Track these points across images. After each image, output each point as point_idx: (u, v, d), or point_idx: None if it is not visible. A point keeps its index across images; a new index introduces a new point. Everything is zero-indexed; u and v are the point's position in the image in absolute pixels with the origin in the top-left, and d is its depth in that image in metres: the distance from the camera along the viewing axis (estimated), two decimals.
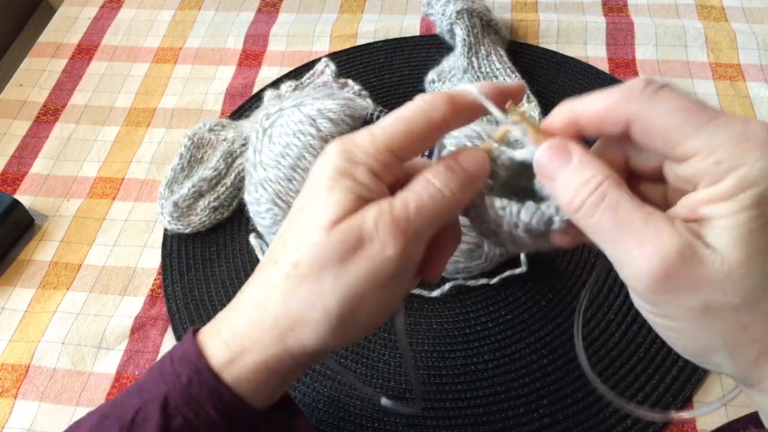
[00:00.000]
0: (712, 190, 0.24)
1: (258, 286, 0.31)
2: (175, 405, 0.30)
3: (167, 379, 0.31)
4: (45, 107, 0.68)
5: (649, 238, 0.24)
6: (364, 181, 0.29)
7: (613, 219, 0.25)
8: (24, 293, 0.55)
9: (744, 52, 0.67)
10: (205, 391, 0.30)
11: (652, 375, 0.46)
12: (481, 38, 0.63)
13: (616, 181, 0.26)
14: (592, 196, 0.25)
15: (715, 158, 0.23)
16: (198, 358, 0.31)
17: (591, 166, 0.26)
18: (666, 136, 0.25)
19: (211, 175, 0.57)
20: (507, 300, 0.51)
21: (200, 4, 0.78)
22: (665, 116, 0.25)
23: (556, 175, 0.27)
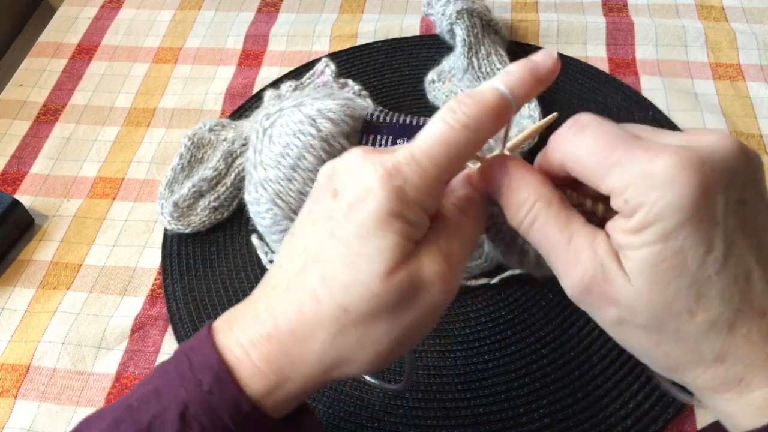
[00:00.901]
0: (624, 223, 0.25)
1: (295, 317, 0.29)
2: (194, 413, 0.30)
3: (187, 386, 0.30)
4: (45, 107, 0.68)
5: (571, 260, 0.27)
6: (417, 222, 0.28)
7: (544, 240, 0.28)
8: (24, 293, 0.55)
9: (744, 52, 0.67)
10: (226, 402, 0.30)
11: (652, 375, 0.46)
12: (481, 38, 0.63)
13: (546, 201, 0.28)
14: (526, 220, 0.28)
15: (624, 197, 0.25)
16: (220, 365, 0.30)
17: (523, 188, 0.28)
18: (587, 179, 0.27)
19: (211, 175, 0.57)
20: (507, 300, 0.51)
21: (200, 4, 0.78)
22: (582, 158, 0.27)
23: (498, 193, 0.29)
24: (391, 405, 0.46)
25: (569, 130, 0.27)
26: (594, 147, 0.26)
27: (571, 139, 0.27)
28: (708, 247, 0.24)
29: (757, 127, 0.61)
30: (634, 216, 0.25)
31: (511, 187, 0.29)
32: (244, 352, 0.30)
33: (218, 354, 0.30)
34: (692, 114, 0.62)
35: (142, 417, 0.30)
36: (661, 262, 0.24)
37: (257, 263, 0.54)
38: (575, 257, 0.26)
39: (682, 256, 0.24)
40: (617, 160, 0.25)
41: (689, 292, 0.24)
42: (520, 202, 0.28)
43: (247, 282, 0.53)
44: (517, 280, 0.51)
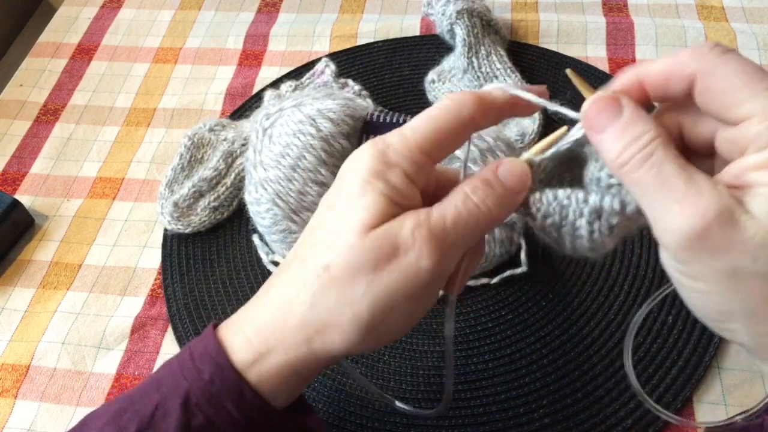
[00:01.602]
0: (759, 157, 0.23)
1: (284, 284, 0.31)
2: (196, 402, 0.30)
3: (188, 375, 0.31)
4: (45, 107, 0.68)
5: (690, 197, 0.24)
6: (398, 184, 0.29)
7: (657, 176, 0.25)
8: (24, 293, 0.55)
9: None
10: (227, 389, 0.30)
11: (652, 375, 0.46)
12: (481, 38, 0.63)
13: (665, 140, 0.25)
14: (641, 153, 0.25)
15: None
16: (219, 354, 0.31)
17: (642, 123, 0.26)
18: (725, 97, 0.25)
19: (211, 175, 0.57)
20: (507, 300, 0.51)
21: (200, 4, 0.78)
22: (728, 76, 0.25)
23: (605, 128, 0.26)
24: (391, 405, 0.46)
25: (714, 48, 0.25)
26: (742, 68, 0.24)
27: (719, 54, 0.25)
28: None
29: None
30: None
31: (623, 120, 0.26)
32: (244, 336, 0.31)
33: (218, 343, 0.31)
34: None
35: (144, 406, 0.31)
36: None
37: (257, 263, 0.54)
38: (696, 194, 0.24)
39: None
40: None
41: None
42: (636, 134, 0.26)
43: (247, 282, 0.53)
44: (517, 280, 0.51)
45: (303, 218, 0.48)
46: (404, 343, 0.49)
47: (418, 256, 0.28)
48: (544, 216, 0.31)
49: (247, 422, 0.31)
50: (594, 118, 0.27)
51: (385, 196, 0.28)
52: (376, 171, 0.29)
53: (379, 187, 0.28)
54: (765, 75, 0.24)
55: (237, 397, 0.30)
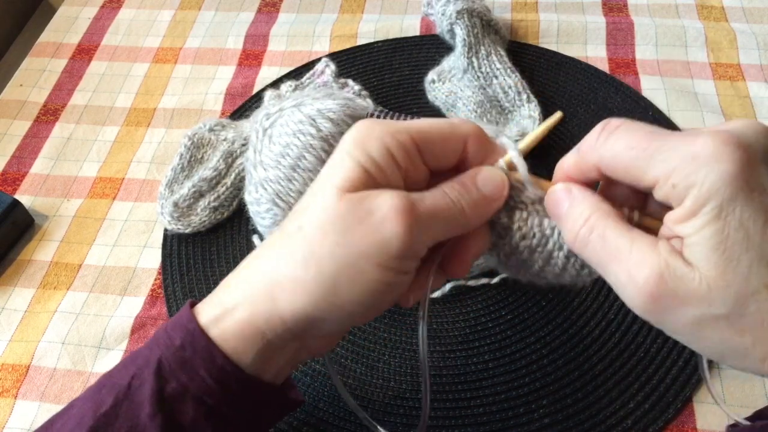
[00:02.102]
0: (678, 212, 0.25)
1: (260, 249, 0.32)
2: (169, 369, 0.31)
3: (161, 343, 0.31)
4: (45, 107, 0.68)
5: (634, 264, 0.26)
6: (377, 156, 0.29)
7: (603, 248, 0.27)
8: (24, 293, 0.55)
9: (744, 52, 0.67)
10: (198, 354, 0.30)
11: (652, 375, 0.46)
12: (481, 38, 0.63)
13: (604, 212, 0.28)
14: (583, 229, 0.28)
15: (671, 182, 0.25)
16: (190, 321, 0.31)
17: (582, 203, 0.29)
18: (628, 173, 0.27)
19: (211, 175, 0.57)
20: (507, 300, 0.51)
21: (200, 4, 0.78)
22: (620, 157, 0.27)
23: (560, 213, 0.30)
24: (391, 405, 0.47)
25: (602, 133, 0.28)
26: (631, 142, 0.27)
27: (605, 140, 0.27)
28: (766, 217, 0.24)
29: None
30: (686, 199, 0.25)
31: (572, 204, 0.29)
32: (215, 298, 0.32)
33: (190, 313, 0.32)
34: (692, 114, 0.62)
35: (121, 379, 0.31)
36: (725, 240, 0.24)
37: None
38: (640, 260, 0.26)
39: (743, 230, 0.24)
40: (657, 149, 0.26)
41: (761, 265, 0.24)
42: (577, 214, 0.28)
43: None
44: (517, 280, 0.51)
45: None
46: (404, 343, 0.49)
47: (391, 224, 0.28)
48: (522, 236, 0.32)
49: (220, 388, 0.31)
50: (551, 208, 0.30)
51: (361, 165, 0.29)
52: (358, 141, 0.29)
53: (357, 155, 0.29)
54: (653, 137, 0.26)
55: (208, 362, 0.30)
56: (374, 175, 0.29)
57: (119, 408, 0.30)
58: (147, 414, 0.30)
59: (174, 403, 0.30)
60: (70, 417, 0.32)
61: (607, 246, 0.27)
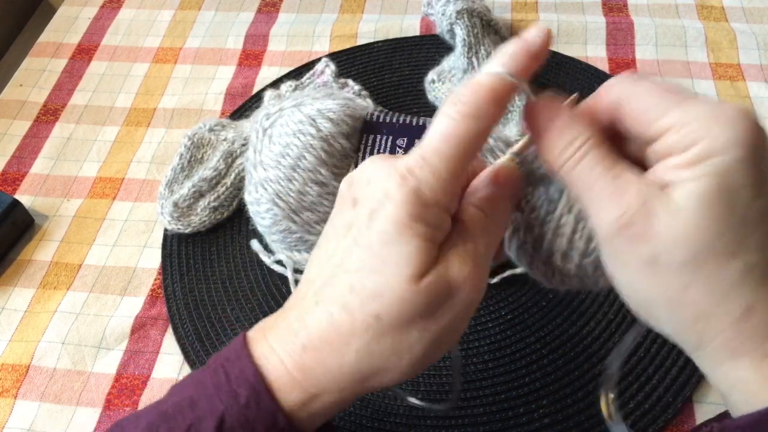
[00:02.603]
0: (679, 158, 0.25)
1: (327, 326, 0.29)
2: (230, 425, 0.29)
3: (224, 397, 0.30)
4: (45, 107, 0.68)
5: (617, 191, 0.26)
6: (438, 223, 0.28)
7: (589, 174, 0.27)
8: (24, 293, 0.55)
9: (744, 52, 0.67)
10: (262, 416, 0.30)
11: (652, 375, 0.46)
12: (481, 38, 0.63)
13: (597, 141, 0.28)
14: (576, 155, 0.27)
15: (685, 131, 0.25)
16: (257, 379, 0.30)
17: (576, 126, 0.28)
18: (644, 115, 0.27)
19: (211, 175, 0.57)
20: (507, 300, 0.51)
21: (200, 4, 0.78)
22: (643, 96, 0.27)
23: (544, 130, 0.29)
24: (391, 405, 0.47)
25: (628, 75, 0.28)
26: (657, 88, 0.27)
27: (632, 81, 0.28)
28: (756, 193, 0.25)
29: None
30: (692, 148, 0.25)
31: (561, 124, 0.28)
32: (281, 362, 0.30)
33: (254, 366, 0.30)
34: None
35: (177, 425, 0.30)
36: (715, 195, 0.24)
37: (257, 263, 0.54)
38: (622, 190, 0.26)
39: (734, 196, 0.24)
40: (681, 101, 0.26)
41: (734, 232, 0.25)
42: (570, 137, 0.28)
43: (247, 282, 0.53)
44: (517, 280, 0.51)
45: (303, 218, 0.48)
46: None
47: (470, 293, 0.28)
48: (531, 208, 0.32)
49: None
50: (534, 120, 0.29)
51: (428, 240, 0.28)
52: (414, 214, 0.27)
53: (420, 231, 0.27)
54: (675, 91, 0.27)
55: (270, 423, 0.30)
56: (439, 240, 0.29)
57: None
58: None
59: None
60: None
61: (594, 174, 0.27)
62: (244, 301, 0.52)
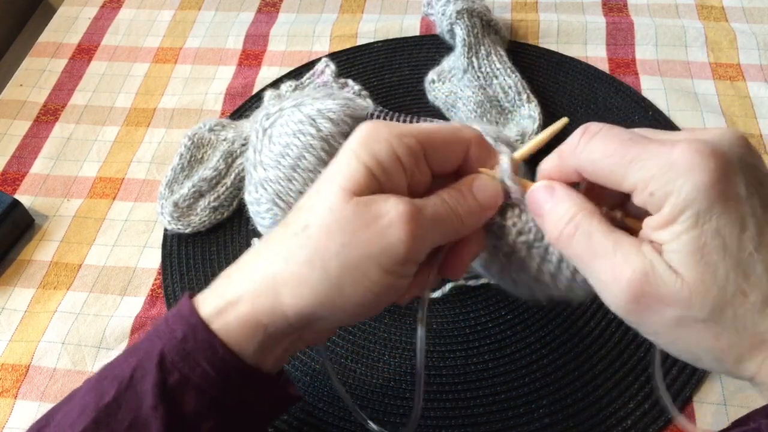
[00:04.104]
0: (656, 219, 0.26)
1: (263, 245, 0.32)
2: (171, 360, 0.31)
3: (162, 336, 0.32)
4: (45, 107, 0.68)
5: (618, 263, 0.26)
6: (383, 158, 0.30)
7: (587, 247, 0.28)
8: (24, 293, 0.55)
9: (744, 52, 0.67)
10: (200, 346, 0.31)
11: (652, 375, 0.46)
12: (481, 38, 0.63)
13: (589, 212, 0.28)
14: (568, 227, 0.28)
15: (649, 191, 0.26)
16: (192, 313, 0.31)
17: (567, 201, 0.29)
18: (607, 179, 0.27)
19: (211, 175, 0.57)
20: (507, 300, 0.51)
21: (200, 4, 0.78)
22: (598, 163, 0.27)
23: (542, 211, 0.30)
24: (390, 405, 0.47)
25: (581, 138, 0.28)
26: (609, 149, 0.27)
27: (585, 146, 0.28)
28: (742, 226, 0.25)
29: (757, 127, 0.61)
30: (664, 207, 0.25)
31: (555, 202, 0.29)
32: (215, 291, 0.32)
33: (191, 304, 0.32)
34: (692, 114, 0.62)
35: (123, 371, 0.31)
36: (703, 247, 0.25)
37: None
38: (623, 260, 0.26)
39: (720, 238, 0.25)
40: (635, 156, 0.26)
41: (737, 272, 0.25)
42: (562, 212, 0.29)
43: None
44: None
45: None
46: (404, 342, 0.49)
47: (397, 231, 0.29)
48: (519, 232, 0.32)
49: (221, 379, 0.31)
50: (533, 205, 0.31)
51: (368, 167, 0.29)
52: (364, 141, 0.30)
53: (363, 157, 0.29)
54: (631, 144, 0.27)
55: (209, 353, 0.31)
56: (380, 178, 0.30)
57: (122, 399, 0.31)
58: (150, 405, 0.30)
59: (176, 395, 0.31)
60: (71, 408, 0.32)
61: (591, 244, 0.27)
62: None
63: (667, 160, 0.25)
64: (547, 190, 0.30)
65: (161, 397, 0.30)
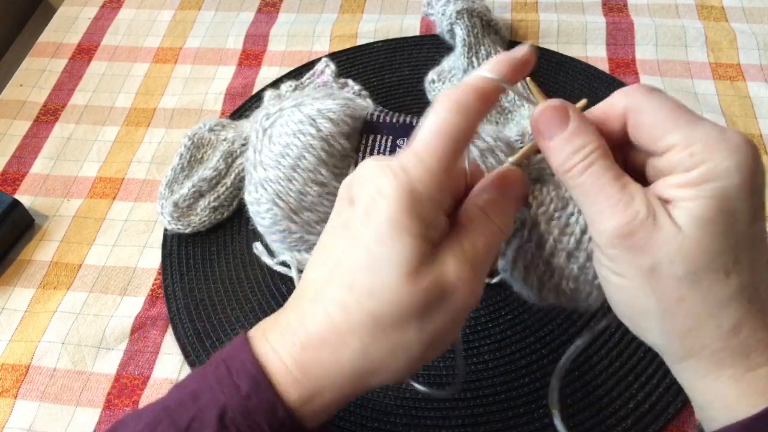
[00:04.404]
0: (682, 177, 0.26)
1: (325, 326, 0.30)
2: (232, 417, 0.30)
3: (225, 389, 0.30)
4: (45, 107, 0.68)
5: (622, 201, 0.27)
6: (433, 220, 0.29)
7: (595, 183, 0.28)
8: (24, 293, 0.55)
9: (744, 52, 0.67)
10: (263, 406, 0.30)
11: (652, 375, 0.46)
12: (481, 38, 0.63)
13: (604, 151, 0.28)
14: (582, 162, 0.28)
15: (690, 151, 0.26)
16: (258, 371, 0.30)
17: (585, 134, 0.28)
18: (652, 130, 0.27)
19: (211, 175, 0.57)
20: (507, 300, 0.51)
21: (200, 4, 0.78)
22: (654, 110, 0.27)
23: (552, 135, 0.29)
24: (390, 405, 0.47)
25: (641, 87, 0.29)
26: (667, 105, 0.27)
27: (645, 93, 0.28)
28: (753, 218, 0.26)
29: (757, 127, 0.61)
30: (695, 169, 0.26)
31: (570, 130, 0.29)
32: (280, 360, 0.30)
33: (255, 360, 0.30)
34: None
35: (180, 418, 0.30)
36: (715, 217, 0.25)
37: (257, 263, 0.54)
38: (628, 200, 0.27)
39: (732, 219, 0.26)
40: (688, 121, 0.27)
41: (731, 253, 0.26)
42: (579, 145, 0.28)
43: (247, 282, 0.53)
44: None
45: (303, 218, 0.48)
46: None
47: (465, 296, 0.29)
48: (539, 204, 0.32)
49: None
50: (543, 125, 0.30)
51: (422, 237, 0.28)
52: (408, 210, 0.28)
53: (415, 228, 0.28)
54: (684, 109, 0.27)
55: (270, 414, 0.30)
56: (434, 238, 0.29)
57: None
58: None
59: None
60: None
61: (600, 183, 0.27)
62: (244, 301, 0.52)
63: (719, 134, 0.26)
64: (560, 113, 0.29)
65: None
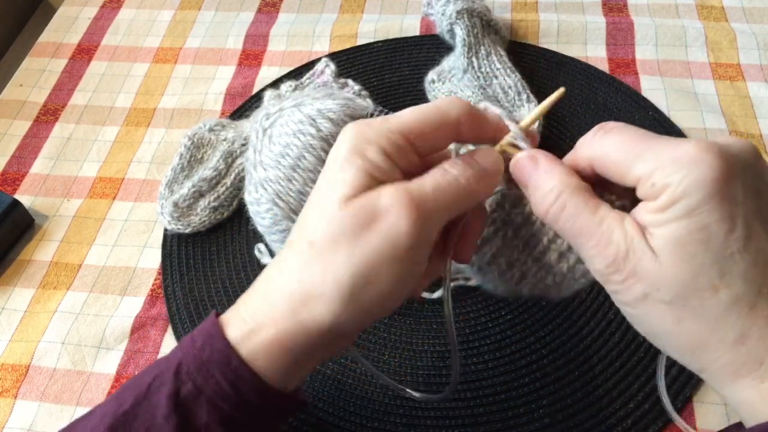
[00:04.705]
0: (651, 204, 0.27)
1: (274, 267, 0.32)
2: (187, 370, 0.31)
3: (184, 347, 0.32)
4: (45, 107, 0.68)
5: (603, 239, 0.28)
6: (375, 159, 0.30)
7: (573, 225, 0.28)
8: (24, 293, 0.55)
9: (744, 52, 0.67)
10: (215, 357, 0.31)
11: (652, 375, 0.46)
12: (481, 38, 0.63)
13: (575, 189, 0.29)
14: (555, 206, 0.29)
15: (651, 181, 0.27)
16: (213, 326, 0.32)
17: (553, 176, 0.29)
18: (615, 171, 0.28)
19: (211, 175, 0.57)
20: (507, 300, 0.51)
21: (200, 4, 0.78)
22: (613, 152, 0.28)
23: (527, 182, 0.31)
24: (390, 405, 0.47)
25: (597, 132, 0.29)
26: (621, 143, 0.28)
27: (600, 139, 0.29)
28: (730, 226, 0.26)
29: (757, 127, 0.61)
30: (661, 196, 0.26)
31: (540, 176, 0.30)
32: (238, 315, 0.32)
33: (215, 320, 0.32)
34: (692, 114, 0.62)
35: (143, 381, 0.32)
36: (686, 236, 0.26)
37: (257, 263, 0.54)
38: (608, 237, 0.27)
39: (706, 232, 0.25)
40: (643, 151, 0.27)
41: (713, 268, 0.26)
42: (548, 189, 0.29)
43: (247, 282, 0.53)
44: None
45: None
46: (404, 343, 0.49)
47: (397, 219, 0.29)
48: None
49: (235, 393, 0.31)
50: (518, 174, 0.31)
51: (363, 170, 0.29)
52: (354, 148, 0.30)
53: (356, 162, 0.30)
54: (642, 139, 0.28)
55: (224, 365, 0.31)
56: (375, 176, 0.30)
57: (138, 408, 0.31)
58: (163, 415, 0.30)
59: (189, 406, 0.31)
60: (93, 416, 0.32)
61: (578, 222, 0.28)
62: None
63: (672, 155, 0.26)
64: (530, 161, 0.30)
65: (174, 408, 0.30)
